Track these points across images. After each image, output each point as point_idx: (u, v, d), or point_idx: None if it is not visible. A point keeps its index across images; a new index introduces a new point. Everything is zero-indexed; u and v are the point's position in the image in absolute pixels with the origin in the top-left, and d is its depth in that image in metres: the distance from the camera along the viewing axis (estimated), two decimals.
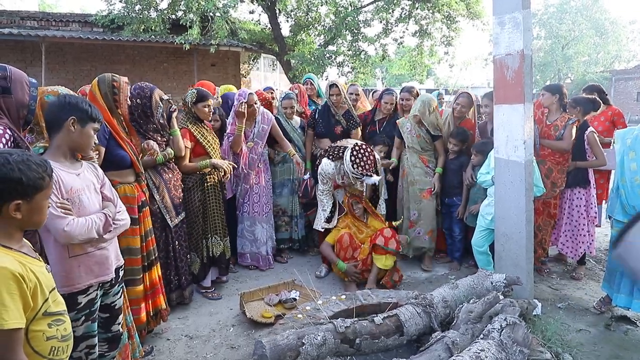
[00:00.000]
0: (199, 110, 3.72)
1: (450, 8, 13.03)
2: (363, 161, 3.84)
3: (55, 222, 1.87)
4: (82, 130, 2.05)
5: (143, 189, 3.01)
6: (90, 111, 2.07)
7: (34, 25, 12.30)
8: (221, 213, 3.89)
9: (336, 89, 4.68)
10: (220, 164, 3.74)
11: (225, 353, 3.01)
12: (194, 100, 3.70)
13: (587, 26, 31.44)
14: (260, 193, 4.37)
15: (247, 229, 4.37)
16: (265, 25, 14.60)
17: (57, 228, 1.88)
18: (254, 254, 4.40)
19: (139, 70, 12.43)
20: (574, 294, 3.86)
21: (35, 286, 1.39)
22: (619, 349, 3.01)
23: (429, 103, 4.39)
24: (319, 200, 4.30)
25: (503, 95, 3.32)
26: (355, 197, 4.13)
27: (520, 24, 3.10)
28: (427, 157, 4.47)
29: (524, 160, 3.19)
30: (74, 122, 2.02)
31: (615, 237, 0.70)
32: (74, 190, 1.99)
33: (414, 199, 4.43)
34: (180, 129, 3.61)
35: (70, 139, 2.03)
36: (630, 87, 27.77)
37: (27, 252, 1.49)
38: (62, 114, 2.01)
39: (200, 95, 3.72)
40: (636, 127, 3.29)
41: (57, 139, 2.03)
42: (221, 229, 3.88)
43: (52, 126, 2.04)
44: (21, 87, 2.03)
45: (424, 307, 2.83)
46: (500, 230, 3.46)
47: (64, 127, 2.01)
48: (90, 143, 2.12)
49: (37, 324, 1.41)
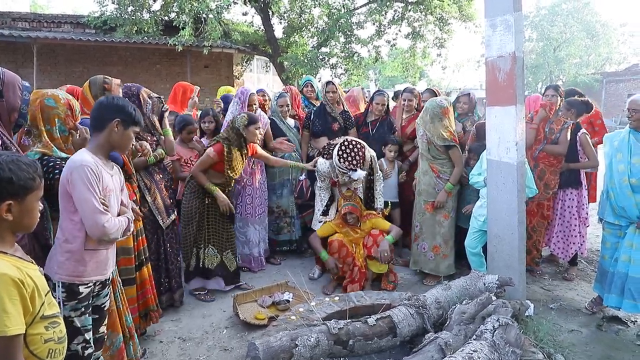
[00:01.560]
0: (249, 133, 3.68)
1: (443, 10, 13.09)
2: (351, 156, 3.83)
3: (97, 216, 1.93)
4: (124, 132, 2.13)
5: (134, 189, 3.01)
6: (134, 115, 2.16)
7: (26, 27, 12.21)
8: (224, 226, 3.82)
9: (332, 86, 4.73)
10: (222, 202, 3.66)
11: (218, 355, 3.00)
12: (245, 123, 3.67)
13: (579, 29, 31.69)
14: (253, 194, 4.35)
15: (239, 230, 4.35)
16: (258, 27, 14.59)
17: (97, 222, 1.93)
18: (246, 255, 4.39)
19: (131, 72, 12.37)
20: (566, 294, 3.88)
21: (33, 290, 1.39)
22: (611, 349, 3.03)
23: (432, 110, 3.98)
24: (317, 195, 4.28)
25: (495, 97, 3.34)
26: (348, 206, 4.00)
27: (512, 26, 3.13)
28: (439, 167, 4.05)
29: (516, 162, 3.21)
30: (118, 124, 2.09)
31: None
32: (108, 190, 2.06)
33: (418, 209, 4.19)
34: (215, 143, 3.65)
35: (112, 139, 2.11)
36: (621, 89, 28.03)
37: (22, 255, 1.48)
38: (109, 114, 2.09)
39: (252, 118, 3.71)
40: (622, 129, 3.33)
41: (101, 138, 2.10)
42: (221, 241, 3.81)
43: (97, 124, 2.11)
44: (13, 90, 2.02)
45: (417, 308, 2.84)
46: (492, 232, 3.47)
47: (108, 127, 2.08)
48: (129, 145, 2.23)
49: (35, 327, 1.41)
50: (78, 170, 1.93)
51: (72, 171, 1.94)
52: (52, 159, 2.20)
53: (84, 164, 1.95)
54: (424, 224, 4.13)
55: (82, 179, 1.92)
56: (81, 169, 1.93)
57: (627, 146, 3.18)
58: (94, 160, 2.01)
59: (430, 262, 4.11)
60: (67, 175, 1.95)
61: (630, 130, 3.20)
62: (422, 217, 4.14)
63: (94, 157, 2.04)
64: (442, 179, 4.04)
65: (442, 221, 4.07)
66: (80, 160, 1.97)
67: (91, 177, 1.94)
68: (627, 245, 3.14)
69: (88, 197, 1.92)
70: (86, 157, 2.00)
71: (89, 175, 1.93)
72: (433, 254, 4.09)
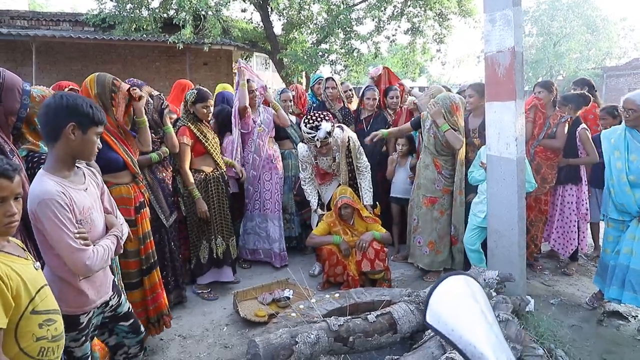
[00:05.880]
0: (197, 111, 3.69)
1: (442, 6, 13.08)
2: (313, 118, 3.83)
3: (75, 256, 1.68)
4: (83, 137, 1.78)
5: (142, 189, 2.93)
6: (92, 114, 1.78)
7: (25, 25, 12.18)
8: (226, 213, 3.86)
9: (332, 82, 4.74)
10: (200, 208, 3.63)
11: (218, 352, 3.00)
12: (193, 100, 3.68)
13: (579, 23, 31.55)
14: (272, 190, 4.35)
15: (259, 226, 4.37)
16: (257, 24, 14.55)
17: (77, 262, 1.69)
18: (267, 250, 4.40)
19: (130, 70, 12.34)
20: (566, 290, 3.88)
21: (18, 285, 1.37)
22: (611, 344, 3.03)
23: (442, 103, 3.91)
24: (304, 191, 4.24)
25: (494, 92, 3.33)
26: (343, 199, 3.88)
27: (511, 21, 3.11)
28: (442, 162, 4.01)
29: (516, 157, 3.20)
30: (74, 129, 1.75)
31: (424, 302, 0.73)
32: (86, 210, 1.79)
33: (416, 203, 4.17)
34: (179, 127, 3.62)
35: (72, 147, 1.77)
36: (621, 83, 27.91)
37: (11, 251, 1.46)
38: (61, 119, 1.73)
39: (200, 95, 3.68)
40: (619, 126, 3.31)
41: (58, 149, 1.76)
42: (225, 230, 3.85)
43: (49, 133, 1.75)
44: (12, 94, 1.97)
45: (417, 304, 2.84)
46: (492, 227, 3.47)
47: (62, 134, 1.74)
48: (94, 150, 1.86)
49: (26, 323, 1.39)
50: (41, 206, 1.63)
51: (35, 207, 1.65)
52: (36, 155, 2.14)
53: (46, 198, 1.64)
54: (421, 219, 4.11)
55: (49, 216, 1.64)
56: (44, 204, 1.63)
57: (624, 143, 3.16)
58: (56, 184, 1.70)
59: (425, 257, 4.10)
60: (32, 210, 1.66)
61: (626, 127, 3.19)
62: (420, 211, 4.12)
63: (56, 179, 1.72)
64: (443, 175, 4.01)
65: (438, 217, 4.06)
66: (40, 192, 1.65)
67: (58, 211, 1.65)
68: (629, 237, 3.13)
69: (61, 237, 1.65)
70: (46, 185, 1.67)
71: (55, 211, 1.64)
72: (428, 249, 4.08)
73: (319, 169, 4.19)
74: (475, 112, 4.10)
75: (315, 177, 4.24)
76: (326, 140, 3.85)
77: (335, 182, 4.24)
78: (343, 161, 4.08)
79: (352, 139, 4.06)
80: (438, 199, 4.05)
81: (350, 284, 3.74)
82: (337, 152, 4.06)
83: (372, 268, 3.74)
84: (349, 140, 4.04)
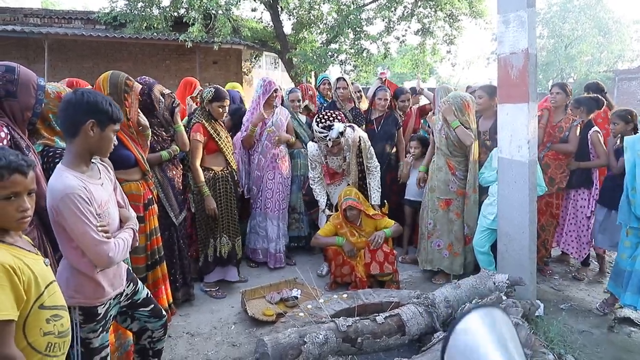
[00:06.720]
0: (213, 109, 3.71)
1: (453, 7, 13.00)
2: (326, 117, 3.83)
3: (99, 248, 1.73)
4: (101, 134, 1.83)
5: (151, 187, 2.99)
6: (110, 112, 1.83)
7: (37, 22, 12.32)
8: (233, 213, 3.86)
9: (343, 82, 4.72)
10: (209, 206, 3.63)
11: (226, 351, 3.01)
12: (210, 98, 3.69)
13: (591, 25, 31.27)
14: (274, 189, 4.34)
15: (259, 225, 4.37)
16: (267, 23, 14.56)
17: (101, 254, 1.74)
18: (264, 250, 4.39)
19: (141, 68, 12.42)
20: (576, 295, 3.84)
21: (29, 279, 1.38)
22: (622, 351, 3.00)
23: (454, 103, 3.87)
24: (312, 190, 4.24)
25: (507, 94, 3.30)
26: (348, 201, 3.85)
27: (525, 22, 3.08)
28: (455, 164, 3.95)
29: (528, 160, 3.17)
30: (94, 125, 1.79)
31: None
32: (104, 204, 1.84)
33: (431, 207, 4.07)
34: (194, 124, 3.65)
35: (90, 143, 1.81)
36: (634, 86, 27.65)
37: (23, 245, 1.47)
38: (80, 116, 1.77)
39: (218, 94, 3.69)
40: None
41: (76, 145, 1.80)
42: (232, 229, 3.84)
43: (68, 129, 1.80)
44: (27, 90, 1.98)
45: (426, 306, 2.82)
46: (503, 230, 3.44)
47: (82, 131, 1.78)
48: (110, 147, 1.91)
49: (34, 318, 1.40)
50: (65, 200, 1.68)
51: (57, 202, 1.69)
52: (52, 149, 2.17)
53: (69, 192, 1.68)
54: (439, 221, 4.03)
55: (72, 210, 1.68)
56: (67, 199, 1.68)
57: None
58: (77, 179, 1.75)
59: (445, 259, 4.01)
60: (54, 205, 1.71)
61: None
62: (436, 215, 4.04)
63: (76, 174, 1.77)
64: (457, 177, 3.96)
65: (454, 219, 4.01)
66: (63, 187, 1.70)
67: (81, 205, 1.69)
68: None
69: (84, 230, 1.70)
70: (68, 180, 1.72)
71: (78, 205, 1.69)
72: (448, 252, 4.00)
73: (329, 169, 4.18)
74: (486, 114, 4.08)
75: (324, 177, 4.24)
76: (338, 140, 3.85)
77: (344, 182, 4.22)
78: (353, 161, 4.08)
79: (363, 139, 4.06)
80: (453, 200, 3.99)
81: (358, 285, 3.72)
82: (348, 152, 4.05)
83: (381, 271, 3.73)
84: (360, 140, 4.03)
